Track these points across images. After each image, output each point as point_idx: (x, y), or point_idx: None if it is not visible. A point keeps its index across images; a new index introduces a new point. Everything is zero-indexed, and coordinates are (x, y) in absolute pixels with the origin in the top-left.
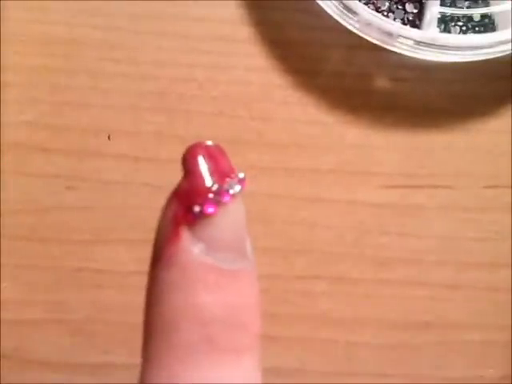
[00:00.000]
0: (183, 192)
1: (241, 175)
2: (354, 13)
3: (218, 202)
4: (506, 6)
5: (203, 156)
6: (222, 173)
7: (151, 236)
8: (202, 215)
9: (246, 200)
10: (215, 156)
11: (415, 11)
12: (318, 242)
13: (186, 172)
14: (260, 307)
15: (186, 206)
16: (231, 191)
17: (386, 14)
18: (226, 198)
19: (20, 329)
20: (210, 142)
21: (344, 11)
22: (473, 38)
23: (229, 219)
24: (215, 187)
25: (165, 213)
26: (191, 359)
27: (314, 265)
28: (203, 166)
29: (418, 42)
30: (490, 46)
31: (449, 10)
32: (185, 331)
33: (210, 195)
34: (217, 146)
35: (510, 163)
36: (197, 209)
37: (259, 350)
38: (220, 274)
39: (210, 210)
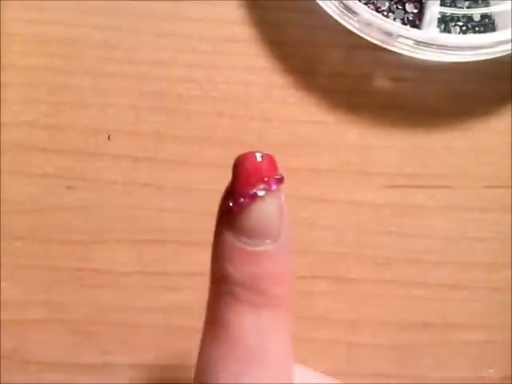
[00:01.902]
0: (225, 191)
1: (272, 185)
2: (354, 13)
3: (245, 201)
4: (506, 6)
5: (241, 165)
6: (251, 180)
7: (151, 236)
8: (234, 209)
9: None
10: (251, 166)
11: (415, 11)
12: (318, 242)
13: (232, 177)
14: (286, 278)
15: (225, 201)
16: (257, 193)
17: (386, 14)
18: (250, 199)
19: (20, 329)
20: (258, 154)
21: (344, 11)
22: (473, 38)
23: (253, 214)
24: (247, 189)
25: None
26: (222, 302)
27: (314, 265)
28: (239, 175)
29: (418, 42)
30: (490, 46)
31: (449, 10)
32: (220, 286)
33: (240, 197)
34: (253, 156)
35: (510, 163)
36: (231, 204)
37: (282, 308)
38: (243, 253)
39: (237, 206)
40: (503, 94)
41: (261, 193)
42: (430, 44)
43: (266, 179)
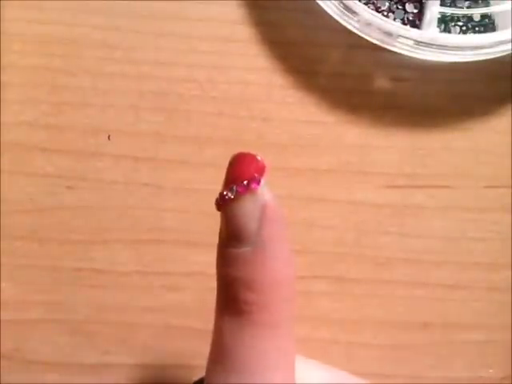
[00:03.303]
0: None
1: (244, 182)
2: (354, 13)
3: (222, 202)
4: (506, 6)
5: (233, 163)
6: (227, 182)
7: (151, 236)
8: (217, 207)
9: None
10: (233, 166)
11: (415, 11)
12: (318, 242)
13: None
14: (263, 284)
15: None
16: (229, 194)
17: (386, 14)
18: (223, 201)
19: (20, 329)
20: (259, 157)
21: (344, 11)
22: (473, 38)
23: (226, 215)
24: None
25: None
26: (217, 303)
27: (314, 265)
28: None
29: (418, 42)
30: (490, 46)
31: (449, 10)
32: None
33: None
34: (241, 156)
35: (510, 163)
36: (215, 202)
37: (255, 316)
38: (223, 253)
39: (217, 206)
40: (503, 94)
41: (230, 194)
42: (430, 44)
43: (243, 181)
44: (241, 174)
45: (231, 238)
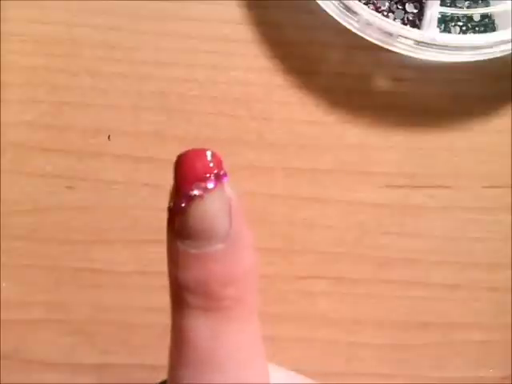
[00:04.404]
0: (170, 193)
1: (209, 184)
2: (354, 13)
3: (184, 202)
4: (505, 6)
5: (178, 164)
6: (189, 179)
7: (151, 236)
8: (174, 212)
9: (246, 200)
10: (188, 163)
11: (415, 11)
12: (318, 242)
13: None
14: (238, 278)
15: (169, 203)
16: (195, 193)
17: (386, 14)
18: (187, 200)
19: (20, 329)
20: (209, 152)
21: (344, 11)
22: (473, 38)
23: (192, 215)
24: (185, 190)
25: None
26: (175, 308)
27: (314, 265)
28: (176, 175)
29: (418, 42)
30: (490, 46)
31: (449, 10)
32: (173, 292)
33: (179, 197)
34: (192, 152)
35: (510, 163)
36: (171, 205)
37: (236, 308)
38: (187, 256)
39: (176, 208)
40: (503, 94)
41: (197, 192)
42: (430, 44)
43: (205, 176)
44: (206, 170)
45: (199, 238)
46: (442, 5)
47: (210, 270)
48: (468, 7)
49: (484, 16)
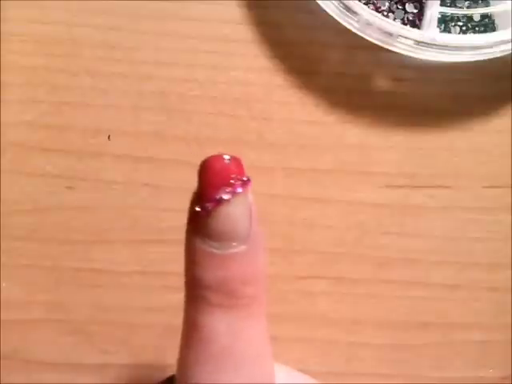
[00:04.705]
0: (192, 195)
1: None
2: (354, 13)
3: (211, 205)
4: (505, 6)
5: (205, 169)
6: (218, 183)
7: (151, 236)
8: (201, 214)
9: None
10: (216, 168)
11: (415, 11)
12: (318, 242)
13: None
14: (256, 278)
15: (192, 205)
16: (222, 197)
17: (386, 14)
18: (216, 204)
19: (20, 329)
20: (226, 157)
21: (344, 11)
22: (473, 38)
23: (219, 218)
24: (213, 194)
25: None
26: (193, 306)
27: (314, 265)
28: (204, 179)
29: (418, 42)
30: (490, 46)
31: (449, 10)
32: (192, 291)
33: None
34: (219, 157)
35: (510, 163)
36: (197, 209)
37: (253, 306)
38: (212, 257)
39: (203, 211)
40: (503, 94)
41: (226, 196)
42: (430, 44)
43: (231, 182)
44: (233, 175)
45: (225, 240)
46: (442, 5)
47: (233, 269)
48: (468, 7)
49: (484, 16)
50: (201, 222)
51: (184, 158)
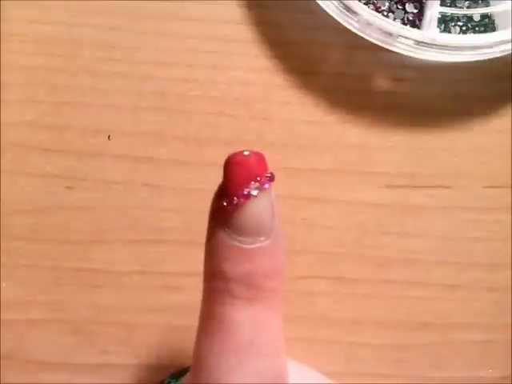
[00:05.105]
0: (218, 190)
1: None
2: (354, 13)
3: (239, 200)
4: (505, 6)
5: (233, 164)
6: (246, 179)
7: (151, 236)
8: (228, 208)
9: None
10: (245, 164)
11: (415, 11)
12: (318, 241)
13: (223, 176)
14: (278, 271)
15: (218, 200)
16: (250, 192)
17: (386, 14)
18: (245, 198)
19: (20, 329)
20: (246, 152)
21: (344, 11)
22: (473, 38)
23: (247, 213)
24: (241, 190)
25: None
26: (214, 297)
27: (314, 265)
28: (232, 174)
29: (418, 42)
30: (490, 46)
31: (449, 10)
32: (213, 283)
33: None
34: (245, 154)
35: (510, 163)
36: (224, 203)
37: (274, 300)
38: (238, 251)
39: (231, 205)
40: (503, 94)
41: (254, 192)
42: (430, 44)
43: (258, 178)
44: (260, 171)
45: (252, 234)
46: (442, 5)
47: (257, 263)
48: (468, 7)
49: (484, 16)
50: (227, 216)
51: (184, 158)
